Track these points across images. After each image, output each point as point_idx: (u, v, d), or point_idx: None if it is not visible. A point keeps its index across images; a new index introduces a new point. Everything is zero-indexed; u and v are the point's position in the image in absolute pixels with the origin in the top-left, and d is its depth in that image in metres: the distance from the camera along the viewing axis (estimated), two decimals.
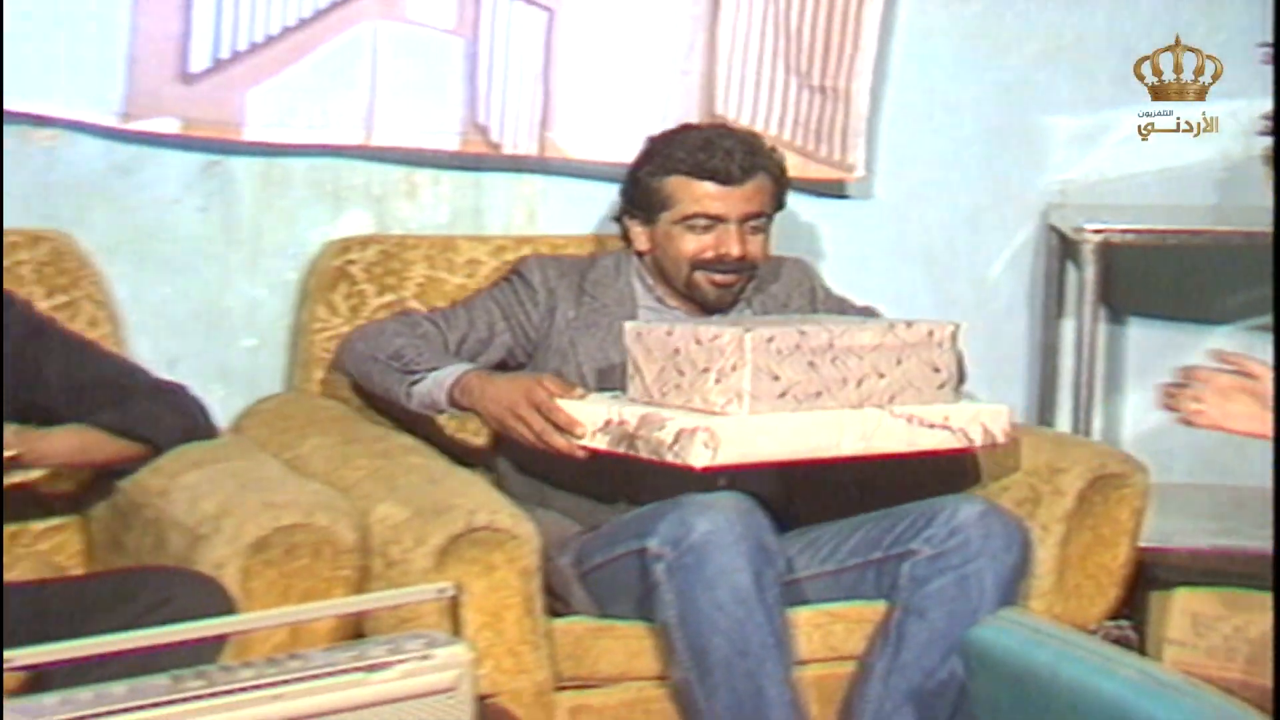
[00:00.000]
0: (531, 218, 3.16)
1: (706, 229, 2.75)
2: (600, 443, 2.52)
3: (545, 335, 2.80)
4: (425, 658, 1.85)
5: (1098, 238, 3.26)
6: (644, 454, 2.46)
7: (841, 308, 2.94)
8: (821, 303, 2.94)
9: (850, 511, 2.73)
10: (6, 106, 2.77)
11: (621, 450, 2.49)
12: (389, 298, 2.95)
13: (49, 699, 1.67)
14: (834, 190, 3.34)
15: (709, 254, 2.76)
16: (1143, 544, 2.83)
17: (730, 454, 2.41)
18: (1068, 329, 3.45)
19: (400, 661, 1.84)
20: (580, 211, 3.15)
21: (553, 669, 2.49)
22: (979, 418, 2.57)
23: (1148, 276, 3.54)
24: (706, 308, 2.82)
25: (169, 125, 2.87)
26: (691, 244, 2.76)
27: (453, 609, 1.97)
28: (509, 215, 3.15)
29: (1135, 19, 3.40)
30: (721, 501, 2.49)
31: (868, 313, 2.93)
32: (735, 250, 2.76)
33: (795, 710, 2.48)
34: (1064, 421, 3.42)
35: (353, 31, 2.94)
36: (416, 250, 3.00)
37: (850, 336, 2.50)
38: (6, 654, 1.65)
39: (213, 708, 1.72)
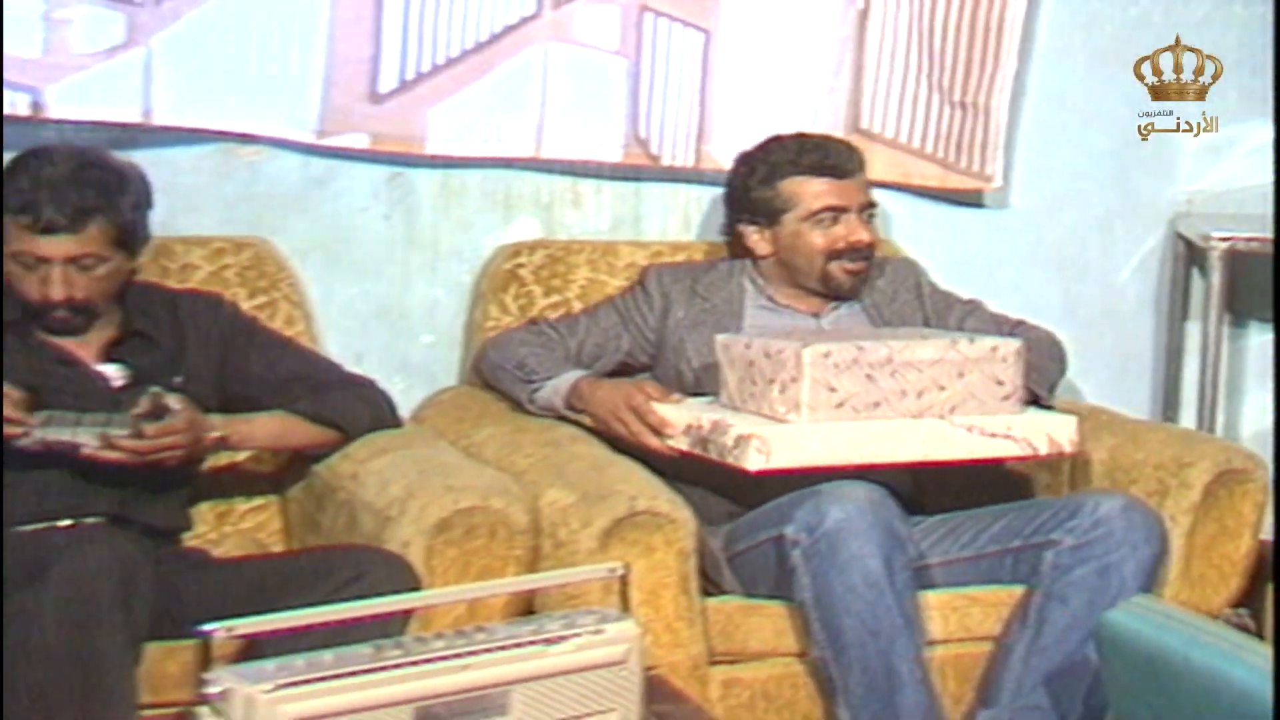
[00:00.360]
0: (687, 224, 3.19)
1: (834, 221, 2.78)
2: (683, 443, 2.57)
3: (662, 336, 2.83)
4: (598, 632, 1.87)
5: (1224, 245, 3.23)
6: (713, 455, 2.50)
7: (947, 302, 2.95)
8: (928, 297, 2.95)
9: (974, 502, 2.72)
10: (217, 127, 2.84)
11: (698, 451, 2.54)
12: (555, 298, 2.98)
13: (268, 665, 1.71)
14: (972, 200, 3.33)
15: (841, 244, 2.79)
16: (1261, 537, 2.79)
17: (783, 459, 2.44)
18: (1192, 332, 3.41)
19: (575, 635, 1.86)
20: None
21: (706, 644, 2.51)
22: (1044, 428, 2.55)
23: (1271, 283, 3.49)
24: (841, 296, 2.84)
25: (359, 140, 2.92)
26: (822, 238, 2.79)
27: (622, 587, 1.97)
28: (665, 222, 3.18)
29: (1264, 38, 3.34)
30: (854, 491, 2.49)
31: (972, 307, 2.95)
32: (865, 236, 2.79)
33: (925, 687, 2.48)
34: (1188, 419, 3.38)
35: (525, 54, 2.98)
36: (580, 254, 3.03)
37: (910, 352, 2.50)
38: (229, 624, 1.70)
39: (409, 675, 1.76)
